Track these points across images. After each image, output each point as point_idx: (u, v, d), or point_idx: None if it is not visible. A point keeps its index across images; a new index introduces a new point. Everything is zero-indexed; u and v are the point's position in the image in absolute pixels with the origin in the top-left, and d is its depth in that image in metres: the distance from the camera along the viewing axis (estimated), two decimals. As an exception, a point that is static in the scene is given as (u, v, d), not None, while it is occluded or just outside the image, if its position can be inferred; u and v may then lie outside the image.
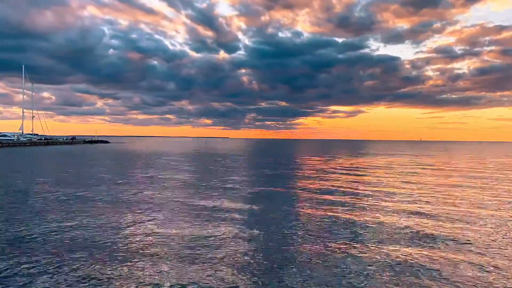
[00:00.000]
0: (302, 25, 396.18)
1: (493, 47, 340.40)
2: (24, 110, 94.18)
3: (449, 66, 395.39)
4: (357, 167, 32.66)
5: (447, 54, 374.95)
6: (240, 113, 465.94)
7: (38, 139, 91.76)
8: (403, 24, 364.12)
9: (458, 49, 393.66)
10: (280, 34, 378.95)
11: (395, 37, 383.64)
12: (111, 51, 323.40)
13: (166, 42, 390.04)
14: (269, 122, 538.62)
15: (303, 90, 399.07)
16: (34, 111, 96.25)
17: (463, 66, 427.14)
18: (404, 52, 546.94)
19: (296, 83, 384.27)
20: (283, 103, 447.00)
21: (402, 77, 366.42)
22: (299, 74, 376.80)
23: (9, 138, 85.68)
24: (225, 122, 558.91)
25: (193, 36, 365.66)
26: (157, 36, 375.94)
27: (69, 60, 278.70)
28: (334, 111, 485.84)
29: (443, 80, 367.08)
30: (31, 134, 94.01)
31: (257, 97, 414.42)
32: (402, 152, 70.42)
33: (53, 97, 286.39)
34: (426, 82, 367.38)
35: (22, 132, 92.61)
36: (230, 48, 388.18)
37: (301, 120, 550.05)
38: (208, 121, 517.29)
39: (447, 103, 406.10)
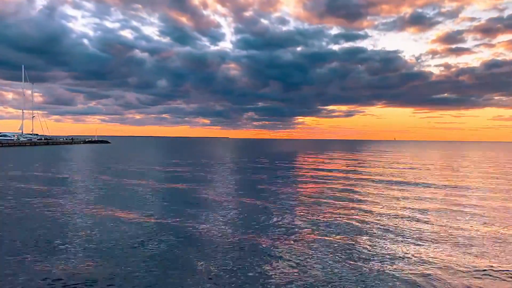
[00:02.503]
0: (286, 8, 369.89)
1: (506, 38, 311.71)
2: (24, 111, 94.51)
3: (455, 59, 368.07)
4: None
5: (453, 45, 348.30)
6: (238, 112, 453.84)
7: (38, 139, 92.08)
8: (406, 8, 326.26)
9: (466, 39, 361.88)
10: (263, 21, 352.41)
11: (396, 24, 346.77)
12: (86, 41, 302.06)
13: (145, 31, 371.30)
14: (267, 122, 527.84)
15: (298, 87, 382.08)
16: (31, 111, 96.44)
17: (471, 61, 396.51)
18: (407, 43, 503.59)
19: (290, 80, 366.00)
20: (280, 103, 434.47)
21: (403, 73, 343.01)
22: (291, 69, 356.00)
23: (9, 138, 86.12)
24: (223, 122, 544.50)
25: (171, 23, 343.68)
26: (134, 23, 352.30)
27: (41, 53, 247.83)
28: (332, 111, 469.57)
29: (446, 76, 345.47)
30: (31, 134, 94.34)
31: (253, 96, 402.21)
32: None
33: (43, 96, 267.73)
34: (428, 79, 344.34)
35: (22, 132, 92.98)
36: (213, 37, 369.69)
37: (299, 119, 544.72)
38: (206, 121, 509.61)
39: (448, 102, 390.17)
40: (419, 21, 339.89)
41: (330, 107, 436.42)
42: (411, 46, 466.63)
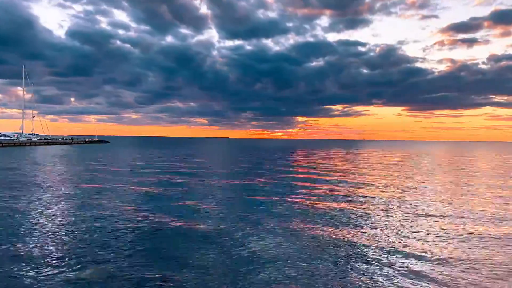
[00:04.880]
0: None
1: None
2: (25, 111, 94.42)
3: (462, 52, 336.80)
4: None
5: (462, 35, 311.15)
6: (235, 112, 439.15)
7: (38, 139, 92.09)
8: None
9: (478, 27, 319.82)
10: (241, 3, 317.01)
11: (398, 9, 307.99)
12: (59, 30, 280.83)
13: (118, 16, 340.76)
14: (265, 122, 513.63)
15: (293, 84, 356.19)
16: (27, 111, 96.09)
17: (480, 53, 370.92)
18: (411, 32, 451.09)
19: (284, 77, 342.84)
20: (277, 102, 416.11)
21: (404, 70, 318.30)
22: (284, 64, 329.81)
23: (9, 138, 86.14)
24: (220, 122, 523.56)
25: (144, 5, 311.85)
26: (104, 6, 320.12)
27: (8, 44, 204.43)
28: (330, 110, 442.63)
29: (450, 73, 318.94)
30: (31, 134, 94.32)
31: (248, 95, 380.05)
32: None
33: (29, 95, 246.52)
34: (431, 76, 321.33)
35: (22, 132, 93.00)
36: (193, 24, 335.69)
37: (298, 119, 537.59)
38: (204, 121, 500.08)
39: (449, 101, 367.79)
40: (425, 6, 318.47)
41: (328, 107, 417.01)
42: (415, 36, 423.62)
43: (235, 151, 76.09)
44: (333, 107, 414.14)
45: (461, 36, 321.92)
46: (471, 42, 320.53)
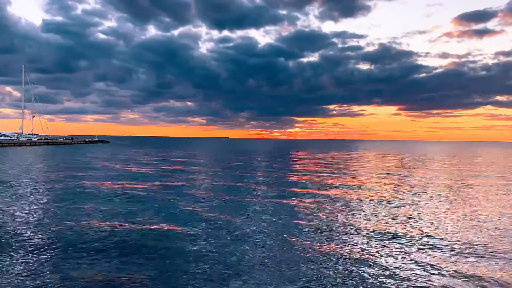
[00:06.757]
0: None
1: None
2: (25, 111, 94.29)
3: (467, 46, 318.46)
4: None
5: (473, 25, 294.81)
6: (234, 112, 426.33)
7: (38, 139, 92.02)
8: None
9: (490, 17, 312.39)
10: None
11: None
12: (33, 20, 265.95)
13: (92, 2, 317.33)
14: (264, 122, 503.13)
15: (289, 82, 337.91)
16: (27, 110, 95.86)
17: (488, 47, 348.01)
18: (413, 21, 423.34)
19: (277, 73, 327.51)
20: (276, 102, 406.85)
21: (405, 66, 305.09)
22: (278, 59, 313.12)
23: (9, 138, 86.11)
24: (218, 121, 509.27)
25: None
26: None
27: None
28: (328, 109, 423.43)
29: (452, 70, 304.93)
30: (31, 134, 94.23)
31: (245, 94, 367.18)
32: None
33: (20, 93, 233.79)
34: (433, 72, 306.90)
35: (22, 132, 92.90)
36: (174, 13, 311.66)
37: (298, 119, 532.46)
38: (202, 120, 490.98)
39: (450, 100, 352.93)
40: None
41: (326, 106, 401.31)
42: (420, 26, 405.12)
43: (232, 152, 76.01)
44: (331, 106, 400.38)
45: (471, 27, 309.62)
46: (481, 33, 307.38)
